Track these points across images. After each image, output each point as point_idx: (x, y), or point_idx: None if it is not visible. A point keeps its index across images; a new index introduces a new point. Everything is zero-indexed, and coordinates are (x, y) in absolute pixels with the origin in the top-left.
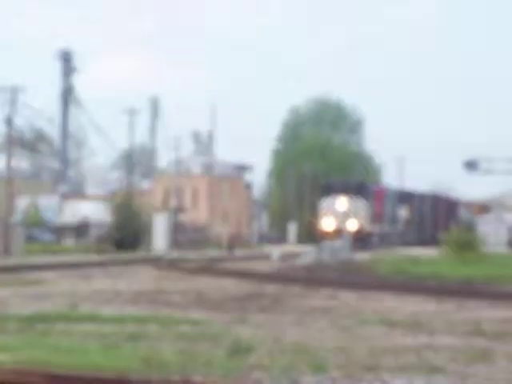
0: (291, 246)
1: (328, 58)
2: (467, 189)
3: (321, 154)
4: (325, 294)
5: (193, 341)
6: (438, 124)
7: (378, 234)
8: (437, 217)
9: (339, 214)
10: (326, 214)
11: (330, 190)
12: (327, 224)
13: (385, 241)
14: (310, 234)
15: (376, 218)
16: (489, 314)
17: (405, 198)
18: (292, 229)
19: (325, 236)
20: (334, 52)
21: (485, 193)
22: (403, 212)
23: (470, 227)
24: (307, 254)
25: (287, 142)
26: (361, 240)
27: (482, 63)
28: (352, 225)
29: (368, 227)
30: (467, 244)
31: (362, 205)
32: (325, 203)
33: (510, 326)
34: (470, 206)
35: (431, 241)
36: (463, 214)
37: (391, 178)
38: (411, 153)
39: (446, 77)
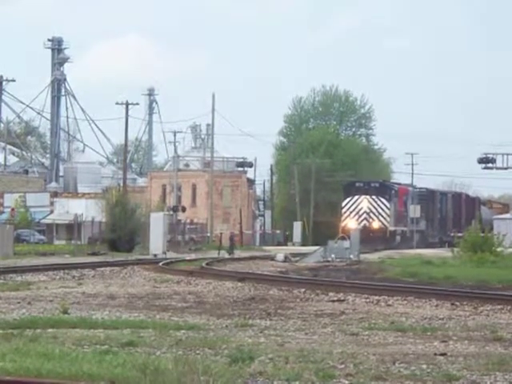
0: (296, 246)
1: (333, 48)
2: (482, 186)
3: (327, 149)
4: (332, 298)
5: (191, 347)
6: (450, 120)
7: (400, 233)
8: (459, 216)
9: (362, 213)
10: (350, 214)
11: (352, 190)
12: (351, 224)
13: (407, 240)
14: (317, 234)
15: (399, 217)
16: (505, 319)
17: (427, 196)
18: (297, 228)
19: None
20: (341, 42)
21: (500, 190)
22: (419, 211)
23: (490, 227)
24: (313, 254)
25: (291, 136)
26: (384, 239)
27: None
28: (374, 224)
29: (391, 226)
30: (483, 245)
31: (384, 204)
32: (348, 203)
33: None
34: (491, 204)
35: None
36: (484, 212)
37: (401, 174)
38: (422, 148)
39: (460, 75)
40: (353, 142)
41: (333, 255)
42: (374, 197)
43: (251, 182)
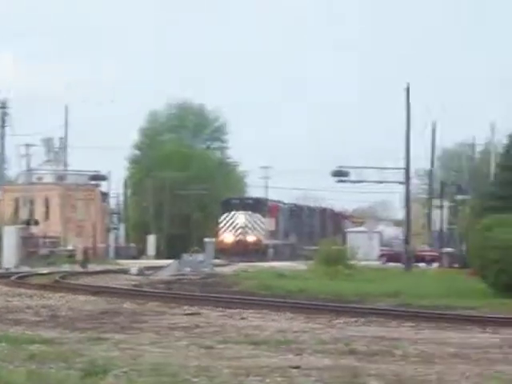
0: (150, 260)
1: (189, 60)
2: (337, 200)
3: (181, 163)
4: (186, 311)
5: (45, 361)
6: (305, 134)
7: (273, 246)
8: (325, 230)
9: (238, 228)
10: (227, 229)
11: (229, 206)
12: (227, 238)
13: (280, 253)
14: (171, 247)
15: (271, 231)
16: (359, 331)
17: (296, 212)
18: (151, 241)
19: (225, 250)
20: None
21: (355, 203)
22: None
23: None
24: (168, 267)
25: (145, 149)
26: (257, 252)
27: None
28: (249, 238)
29: (264, 240)
30: (337, 258)
31: (259, 219)
32: (225, 218)
33: (380, 345)
34: (353, 218)
35: None
36: (348, 226)
37: (256, 188)
38: (277, 162)
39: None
40: (207, 155)
41: (187, 268)
42: (249, 212)
43: (105, 196)
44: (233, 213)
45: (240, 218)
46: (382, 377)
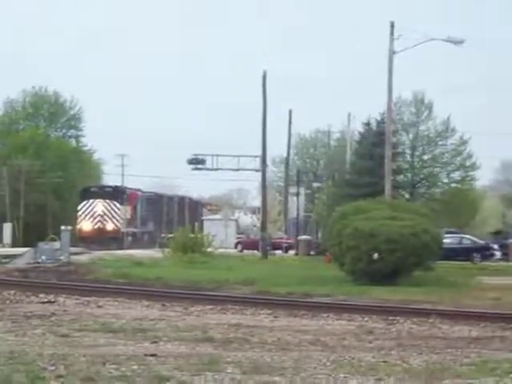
0: (6, 248)
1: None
2: (192, 187)
3: (37, 151)
4: (42, 299)
5: None
6: (160, 123)
7: (131, 234)
8: (183, 217)
9: (97, 216)
10: (85, 217)
11: (88, 194)
12: (86, 226)
13: (138, 240)
14: (27, 235)
15: (130, 219)
16: (215, 319)
17: (155, 200)
18: (7, 229)
19: (84, 238)
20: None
21: (212, 191)
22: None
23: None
24: (23, 256)
25: (1, 137)
26: (116, 240)
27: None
28: (108, 226)
29: (123, 228)
30: (193, 246)
31: (117, 207)
32: (84, 206)
33: (235, 332)
34: (211, 206)
35: None
36: (205, 214)
37: (112, 176)
38: (133, 150)
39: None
40: (62, 144)
41: (43, 257)
42: (107, 201)
43: None
44: (91, 201)
45: (98, 206)
46: (238, 364)
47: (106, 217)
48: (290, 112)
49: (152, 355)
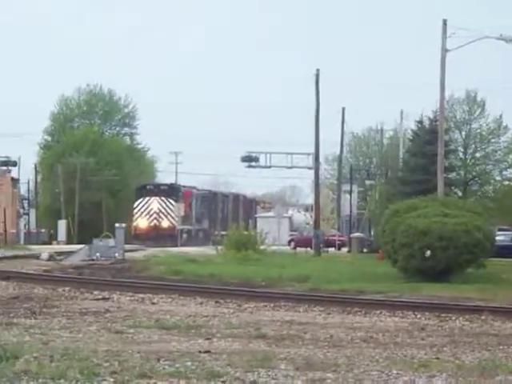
0: (61, 245)
1: (100, 46)
2: (246, 185)
3: (91, 149)
4: (96, 296)
5: None
6: (216, 120)
7: (186, 231)
8: (237, 215)
9: (153, 213)
10: (141, 215)
11: (143, 191)
12: (142, 224)
13: (193, 237)
14: (82, 232)
15: (185, 217)
16: (269, 316)
17: (209, 198)
18: (62, 226)
19: (139, 235)
20: (107, 40)
21: (264, 188)
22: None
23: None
24: (78, 252)
25: (56, 135)
26: (171, 237)
27: None
28: (163, 223)
29: (178, 225)
30: (246, 243)
31: (172, 205)
32: (139, 204)
33: (288, 329)
34: (264, 204)
35: None
36: (259, 211)
37: (166, 174)
38: (186, 148)
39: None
40: (117, 141)
41: (98, 254)
42: (163, 198)
43: (15, 181)
44: (147, 198)
45: (154, 203)
46: (291, 361)
47: (161, 214)
48: (343, 110)
49: (206, 352)
